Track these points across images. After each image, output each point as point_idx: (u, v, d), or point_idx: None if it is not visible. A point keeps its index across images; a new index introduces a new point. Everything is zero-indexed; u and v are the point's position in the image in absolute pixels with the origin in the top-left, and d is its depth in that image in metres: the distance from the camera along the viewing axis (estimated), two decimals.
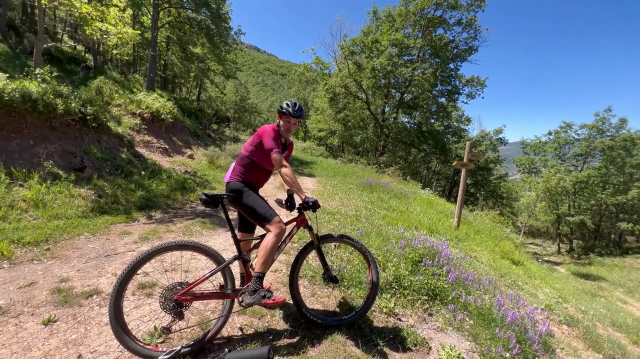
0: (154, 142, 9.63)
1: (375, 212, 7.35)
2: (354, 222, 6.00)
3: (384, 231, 5.39)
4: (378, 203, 8.61)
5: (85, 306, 2.71)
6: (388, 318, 2.91)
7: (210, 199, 2.24)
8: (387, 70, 21.92)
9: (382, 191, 10.74)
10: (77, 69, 14.30)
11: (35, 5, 9.61)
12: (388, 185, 11.83)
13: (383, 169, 20.52)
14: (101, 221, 4.79)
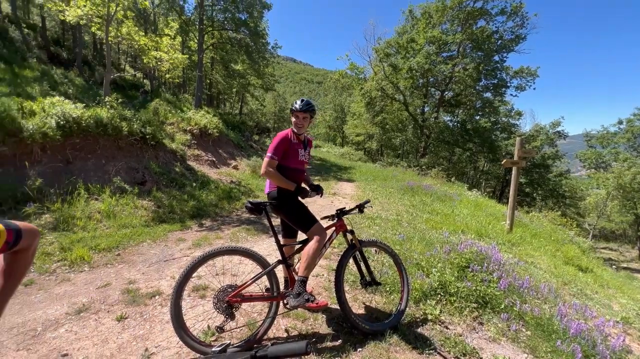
0: (203, 156, 10.41)
1: (418, 216, 7.12)
2: (395, 227, 5.89)
3: (427, 235, 5.21)
4: (420, 207, 8.32)
5: (150, 305, 3.03)
6: (434, 325, 2.81)
7: (254, 207, 2.40)
8: (424, 69, 21.26)
9: (424, 193, 10.36)
10: (137, 94, 16.07)
11: (104, 42, 11.04)
12: (431, 187, 11.37)
13: (425, 171, 19.76)
14: (160, 229, 5.31)
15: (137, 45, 8.18)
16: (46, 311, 2.82)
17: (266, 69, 22.65)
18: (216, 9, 17.58)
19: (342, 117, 45.42)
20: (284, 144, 2.62)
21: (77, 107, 6.17)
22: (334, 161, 25.36)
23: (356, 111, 35.68)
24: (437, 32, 21.50)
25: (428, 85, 24.40)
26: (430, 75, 22.57)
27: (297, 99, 2.80)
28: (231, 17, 17.63)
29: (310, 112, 2.68)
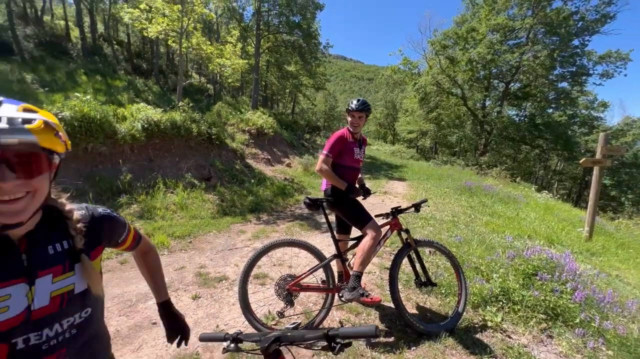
0: (259, 154, 11.08)
1: (476, 218, 6.68)
2: (451, 229, 5.63)
3: (488, 238, 4.88)
4: (479, 208, 7.79)
5: (218, 288, 3.40)
6: (494, 332, 2.68)
7: (312, 203, 2.55)
8: (486, 59, 19.62)
9: (484, 194, 9.64)
10: (202, 97, 17.67)
11: (177, 53, 12.37)
12: (491, 188, 10.52)
13: (485, 170, 18.30)
14: (224, 221, 5.84)
15: (204, 54, 9.09)
16: (138, 286, 3.34)
17: (318, 69, 23.09)
18: (272, 13, 18.45)
19: (393, 114, 44.17)
20: (340, 143, 2.73)
21: (157, 112, 7.07)
22: (385, 159, 24.84)
23: (409, 107, 34.40)
24: (502, 18, 19.64)
25: (490, 77, 22.45)
26: (493, 66, 20.73)
27: (351, 98, 2.89)
28: (285, 21, 18.36)
29: (366, 111, 2.75)
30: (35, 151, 0.68)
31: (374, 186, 11.39)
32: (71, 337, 0.80)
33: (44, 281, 0.75)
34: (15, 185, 0.65)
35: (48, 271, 0.75)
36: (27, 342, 0.72)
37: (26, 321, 0.72)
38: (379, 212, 2.88)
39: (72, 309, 0.79)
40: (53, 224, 0.80)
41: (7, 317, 0.69)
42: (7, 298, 0.69)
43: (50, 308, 0.75)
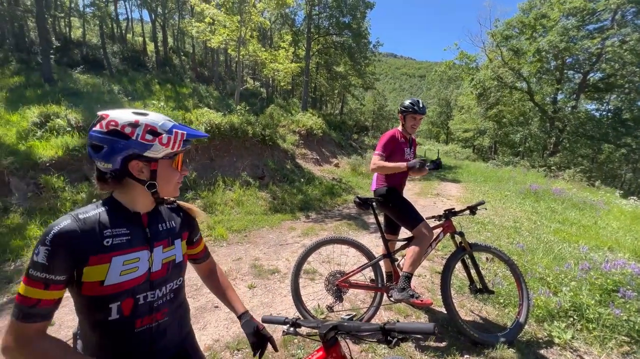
0: (308, 154, 11.40)
1: (543, 225, 6.05)
2: (512, 235, 5.19)
3: (556, 248, 4.41)
4: (547, 214, 7.02)
5: (271, 279, 3.63)
6: (562, 350, 2.44)
7: (362, 202, 2.59)
8: (559, 48, 17.48)
9: (553, 199, 8.64)
10: (256, 101, 18.71)
11: (235, 60, 13.27)
12: (563, 192, 9.38)
13: (555, 172, 16.35)
14: (276, 218, 6.17)
15: (259, 59, 9.67)
16: None
17: (367, 68, 22.86)
18: (322, 16, 18.79)
19: (447, 112, 41.71)
20: (392, 143, 2.73)
21: (218, 116, 7.73)
22: None
23: (465, 104, 32.21)
24: (580, 0, 17.32)
25: (563, 68, 19.94)
26: (568, 55, 18.37)
27: (402, 97, 2.88)
28: (335, 22, 18.54)
29: (425, 113, 2.73)
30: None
31: (425, 187, 10.95)
32: (170, 299, 0.99)
33: (158, 250, 0.96)
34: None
35: (160, 243, 0.97)
36: (145, 299, 0.92)
37: (146, 281, 0.92)
38: (430, 214, 2.81)
39: (173, 276, 1.00)
40: (159, 208, 1.04)
41: (136, 275, 0.89)
42: (137, 261, 0.89)
43: (161, 272, 0.96)
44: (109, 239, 0.85)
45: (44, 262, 0.76)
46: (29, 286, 0.77)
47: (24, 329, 0.76)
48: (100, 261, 0.83)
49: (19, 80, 11.62)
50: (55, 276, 0.77)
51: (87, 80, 13.78)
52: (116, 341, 0.89)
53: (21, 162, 5.10)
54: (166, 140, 0.90)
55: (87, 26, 22.33)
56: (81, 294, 0.83)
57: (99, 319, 0.86)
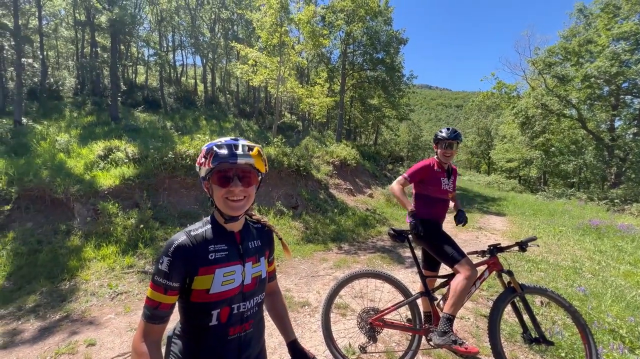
0: (342, 184, 11.41)
1: (609, 267, 5.29)
2: (571, 276, 4.59)
3: (629, 294, 3.80)
4: (613, 254, 6.16)
5: (301, 313, 3.52)
6: None
7: (397, 234, 2.49)
8: (610, 73, 16.35)
9: (619, 237, 7.61)
10: (292, 133, 19.54)
11: (273, 96, 14.21)
12: (631, 229, 8.24)
13: (619, 206, 14.55)
14: (308, 248, 6.12)
15: (296, 95, 10.26)
16: None
17: (401, 100, 23.08)
18: (357, 53, 19.69)
19: (487, 141, 39.96)
20: (424, 172, 2.66)
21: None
22: (478, 190, 22.36)
23: (507, 132, 30.69)
24: (630, 24, 16.35)
25: (619, 93, 18.45)
26: (622, 79, 17.06)
27: (437, 126, 2.83)
28: (369, 58, 19.29)
29: (457, 139, 2.64)
30: (251, 169, 1.04)
31: None
32: (255, 312, 1.11)
33: (249, 265, 1.08)
34: (239, 190, 1.01)
35: (250, 259, 1.09)
36: (238, 309, 1.05)
37: (240, 293, 1.05)
38: (472, 249, 2.60)
39: (259, 290, 1.12)
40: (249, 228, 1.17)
41: (233, 286, 1.02)
42: (233, 273, 1.03)
43: (251, 285, 1.08)
44: (212, 254, 1.00)
45: (166, 270, 0.93)
46: (153, 290, 0.94)
47: (147, 328, 0.94)
48: (207, 272, 0.98)
49: (92, 119, 13.41)
50: (172, 283, 0.94)
51: (146, 118, 15.51)
52: (213, 344, 1.03)
53: (85, 190, 5.72)
54: (201, 159, 1.02)
55: (149, 72, 25.58)
56: (190, 301, 0.99)
57: (202, 324, 1.01)
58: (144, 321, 0.94)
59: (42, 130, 10.40)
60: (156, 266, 0.95)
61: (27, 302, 3.74)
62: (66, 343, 2.91)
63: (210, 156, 0.99)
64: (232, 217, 1.04)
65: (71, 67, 22.74)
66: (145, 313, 0.95)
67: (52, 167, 6.20)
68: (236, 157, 0.99)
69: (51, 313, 3.50)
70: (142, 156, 6.89)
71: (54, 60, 22.87)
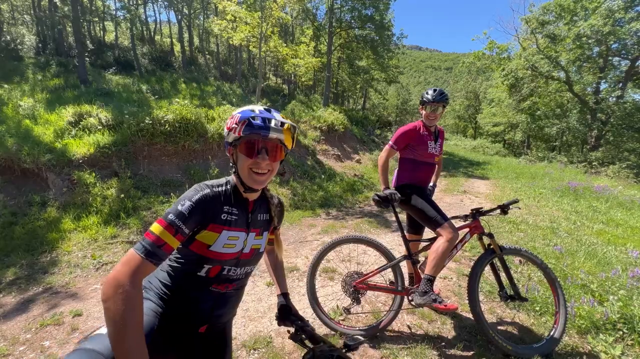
0: (330, 150, 11.27)
1: (584, 226, 5.57)
2: (548, 236, 4.80)
3: (601, 251, 4.02)
4: (588, 214, 6.47)
5: (289, 278, 3.57)
6: None
7: (382, 199, 2.45)
8: (603, 32, 16.05)
9: (594, 198, 7.96)
10: (278, 97, 18.80)
11: (256, 57, 13.36)
12: (607, 190, 8.62)
13: (597, 168, 15.15)
14: (296, 214, 6.12)
15: (280, 55, 9.64)
16: None
17: (390, 62, 22.25)
18: (344, 9, 18.44)
19: (475, 106, 39.87)
20: (409, 136, 2.59)
21: None
22: (464, 154, 22.70)
23: (495, 96, 30.64)
24: None
25: (608, 55, 18.30)
26: (613, 39, 16.82)
27: (428, 88, 2.67)
28: (358, 15, 18.13)
29: (443, 102, 2.53)
30: (279, 144, 1.05)
31: (451, 184, 10.50)
32: (241, 279, 1.14)
33: (252, 236, 1.10)
34: (266, 164, 1.02)
35: (255, 230, 1.12)
36: (228, 271, 1.08)
37: (236, 258, 1.07)
38: (456, 213, 2.61)
39: (253, 261, 1.16)
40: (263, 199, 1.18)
41: (231, 251, 1.04)
42: (236, 239, 1.05)
43: (248, 255, 1.11)
44: (225, 215, 1.02)
45: (186, 213, 0.92)
46: (164, 229, 0.90)
47: (142, 266, 0.85)
48: (215, 230, 1.00)
49: (58, 83, 12.39)
50: (185, 228, 0.92)
51: (119, 81, 14.45)
52: (193, 289, 1.05)
53: (57, 159, 5.40)
54: (232, 124, 1.01)
55: (119, 29, 23.44)
56: (187, 249, 1.01)
57: (190, 271, 1.03)
58: (140, 257, 0.85)
59: (2, 94, 9.56)
60: (175, 206, 0.94)
61: (7, 275, 3.63)
62: (50, 314, 2.87)
63: (242, 124, 0.98)
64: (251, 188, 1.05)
65: (29, 22, 20.53)
66: (143, 248, 0.86)
67: (17, 135, 5.77)
68: (269, 131, 0.98)
69: (33, 286, 3.42)
70: (117, 122, 6.47)
71: (8, 14, 20.52)
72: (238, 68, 22.50)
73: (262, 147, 1.00)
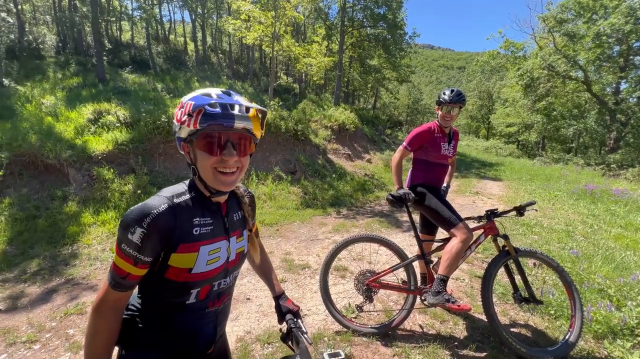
0: (340, 149, 11.28)
1: (601, 230, 5.43)
2: (564, 240, 4.71)
3: (619, 256, 3.93)
4: (606, 218, 6.30)
5: (302, 274, 3.62)
6: None
7: (395, 199, 2.46)
8: (623, 31, 15.54)
9: (612, 201, 7.75)
10: (289, 96, 18.88)
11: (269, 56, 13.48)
12: (625, 193, 8.37)
13: (615, 171, 14.69)
14: (307, 213, 6.18)
15: (292, 54, 9.70)
16: None
17: (402, 61, 22.06)
18: (356, 8, 18.37)
19: (488, 106, 39.16)
20: (423, 137, 2.59)
21: None
22: (476, 155, 22.34)
23: (509, 96, 30.00)
24: None
25: (629, 54, 17.70)
26: (635, 38, 16.27)
27: (438, 89, 2.69)
28: (370, 14, 18.05)
29: (460, 103, 2.51)
30: (247, 135, 0.85)
31: (463, 185, 10.37)
32: (230, 286, 1.02)
33: (233, 240, 0.96)
34: (234, 161, 0.82)
35: (234, 233, 0.97)
36: (219, 286, 0.94)
37: (224, 270, 0.93)
38: (468, 215, 2.60)
39: (240, 265, 1.02)
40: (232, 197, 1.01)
41: (217, 265, 0.90)
42: (218, 251, 0.90)
43: (235, 261, 0.97)
44: (197, 228, 0.85)
45: (138, 243, 0.77)
46: (120, 259, 0.79)
47: (113, 295, 0.82)
48: (190, 249, 0.83)
49: (77, 81, 12.77)
50: (144, 257, 0.79)
51: (135, 79, 14.79)
52: (189, 321, 0.92)
53: (78, 156, 5.59)
54: (182, 116, 0.80)
55: (135, 29, 23.95)
56: (164, 278, 0.84)
57: (176, 303, 0.88)
58: (110, 288, 0.81)
59: (26, 92, 9.92)
60: (124, 232, 0.77)
61: (31, 266, 3.80)
62: (73, 303, 2.99)
63: (197, 113, 0.77)
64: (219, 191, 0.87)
65: (50, 22, 21.18)
66: (111, 280, 0.81)
67: (40, 132, 5.99)
68: (233, 120, 0.78)
69: (56, 276, 3.57)
70: (134, 119, 6.65)
71: (30, 15, 21.22)
72: (250, 67, 22.71)
73: (226, 141, 0.80)
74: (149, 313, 0.91)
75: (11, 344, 2.41)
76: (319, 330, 2.54)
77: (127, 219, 0.78)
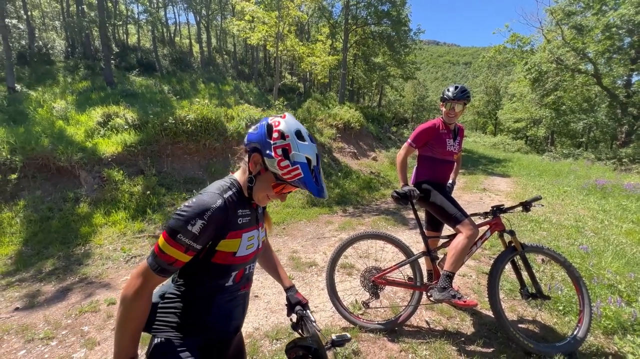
0: (345, 148, 11.28)
1: (612, 225, 5.35)
2: (573, 235, 4.66)
3: (630, 251, 3.87)
4: (617, 213, 6.20)
5: (308, 272, 3.66)
6: None
7: (400, 196, 2.47)
8: (634, 22, 15.17)
9: (624, 196, 7.60)
10: (294, 96, 18.92)
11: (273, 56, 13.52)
12: (637, 188, 8.20)
13: (627, 165, 14.39)
14: (313, 211, 6.21)
15: (296, 54, 9.73)
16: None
17: (407, 58, 21.91)
18: (360, 6, 18.30)
19: (495, 101, 38.63)
20: (428, 134, 2.58)
21: (257, 111, 7.94)
22: (483, 152, 22.12)
23: (517, 91, 29.52)
24: None
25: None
26: None
27: (444, 86, 2.68)
28: (374, 11, 17.96)
29: (465, 99, 2.50)
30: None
31: (470, 182, 10.29)
32: (252, 273, 1.14)
33: (261, 229, 1.12)
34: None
35: (261, 224, 1.14)
36: (249, 269, 1.10)
37: (254, 256, 1.09)
38: (475, 211, 2.60)
39: (261, 253, 1.20)
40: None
41: (253, 250, 1.05)
42: (253, 238, 1.05)
43: (261, 248, 1.13)
44: (240, 218, 1.00)
45: (197, 233, 0.87)
46: (172, 247, 0.87)
47: (155, 280, 0.90)
48: (236, 236, 0.98)
49: (86, 85, 13.00)
50: (197, 245, 0.89)
51: (142, 82, 14.99)
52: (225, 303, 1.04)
53: (88, 158, 5.72)
54: (284, 165, 0.93)
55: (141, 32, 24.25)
56: (210, 261, 0.97)
57: (218, 284, 1.01)
58: (152, 272, 0.87)
59: (38, 97, 10.15)
60: (182, 223, 0.86)
61: (46, 266, 3.92)
62: (87, 301, 3.08)
63: (297, 167, 0.92)
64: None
65: (59, 28, 21.57)
66: (154, 265, 0.87)
67: (52, 135, 6.14)
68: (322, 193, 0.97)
69: (70, 276, 3.67)
70: (142, 122, 6.76)
71: (39, 21, 21.64)
72: (254, 67, 22.81)
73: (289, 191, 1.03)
74: (192, 297, 1.00)
75: (29, 341, 2.50)
76: (326, 326, 2.58)
77: (188, 213, 0.88)
